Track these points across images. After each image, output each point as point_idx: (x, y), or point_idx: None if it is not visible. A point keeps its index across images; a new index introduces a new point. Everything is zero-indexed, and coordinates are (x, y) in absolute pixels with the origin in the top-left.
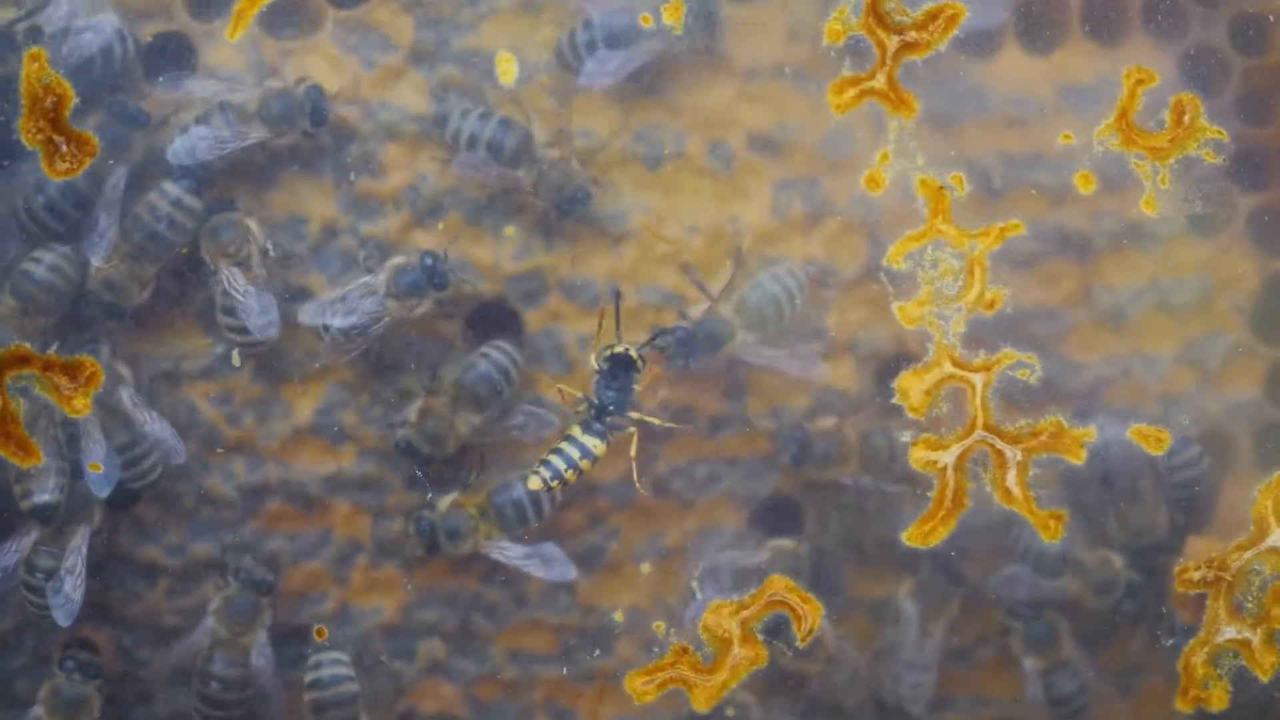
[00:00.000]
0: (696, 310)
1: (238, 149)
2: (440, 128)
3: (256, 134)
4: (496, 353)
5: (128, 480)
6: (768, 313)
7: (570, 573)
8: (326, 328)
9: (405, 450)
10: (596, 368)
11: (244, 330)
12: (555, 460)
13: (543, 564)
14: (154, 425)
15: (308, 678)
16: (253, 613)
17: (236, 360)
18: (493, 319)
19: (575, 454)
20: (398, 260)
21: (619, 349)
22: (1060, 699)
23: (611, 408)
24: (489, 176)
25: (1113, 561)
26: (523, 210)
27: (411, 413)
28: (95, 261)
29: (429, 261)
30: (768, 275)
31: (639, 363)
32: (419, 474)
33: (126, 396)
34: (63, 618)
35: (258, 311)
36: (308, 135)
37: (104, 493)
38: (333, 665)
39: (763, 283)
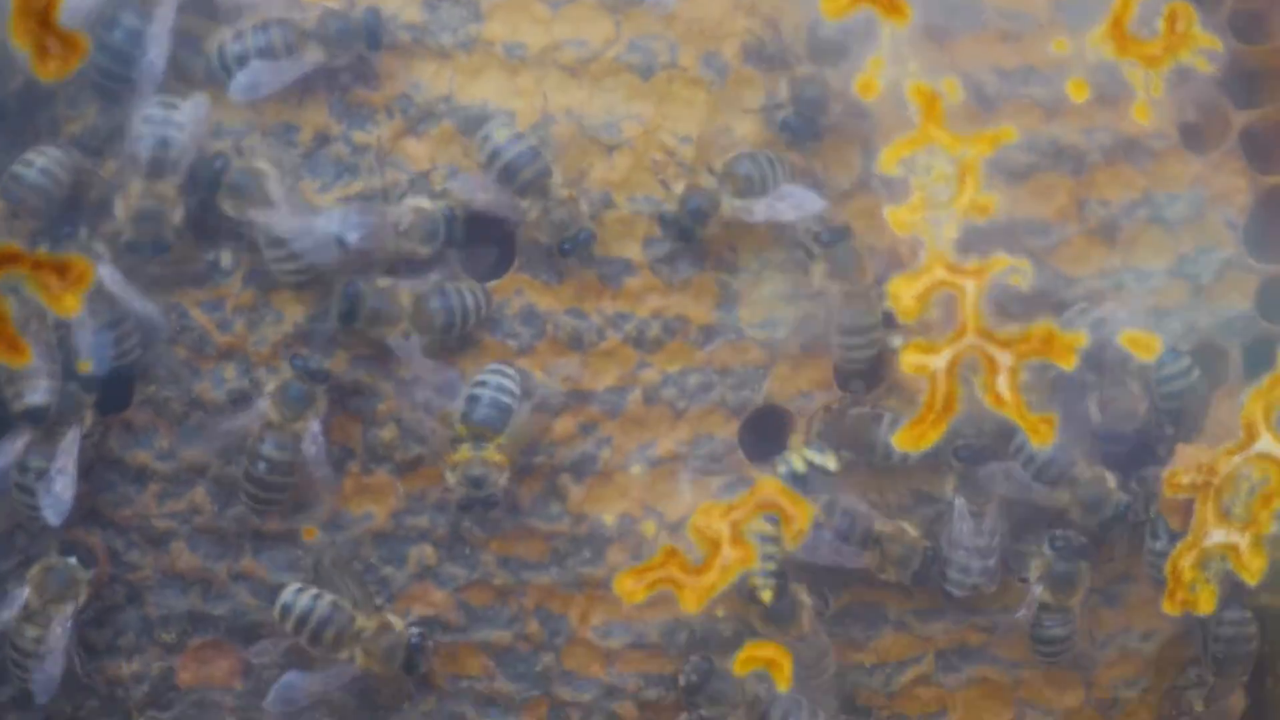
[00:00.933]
0: (678, 185)
1: (297, 76)
2: (473, 130)
3: (313, 57)
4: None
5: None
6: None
7: None
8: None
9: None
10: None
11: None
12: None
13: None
14: (135, 303)
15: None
16: (307, 400)
17: (226, 261)
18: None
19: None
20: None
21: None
22: (1045, 639)
23: None
24: (492, 200)
25: (1106, 480)
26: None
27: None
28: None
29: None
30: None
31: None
32: None
33: (106, 274)
34: (53, 516)
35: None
36: (361, 59)
37: (101, 370)
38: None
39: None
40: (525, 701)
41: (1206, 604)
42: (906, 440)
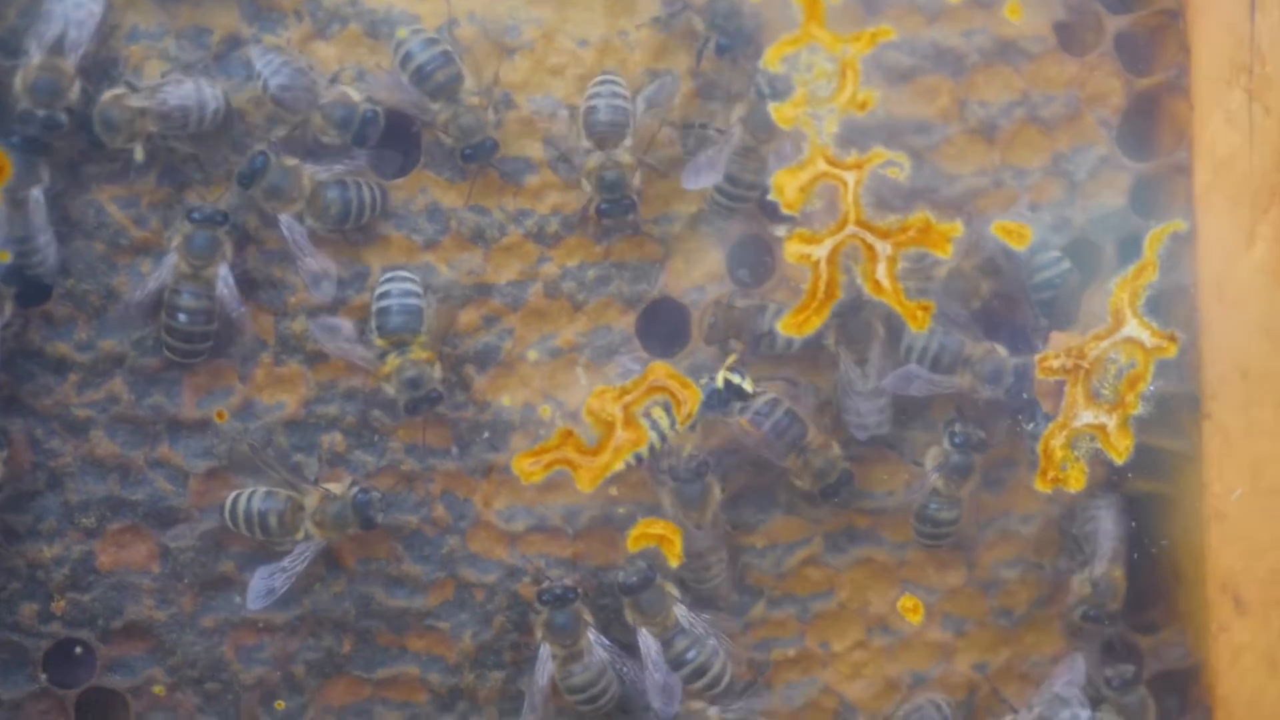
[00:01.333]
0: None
1: None
2: (379, 33)
3: None
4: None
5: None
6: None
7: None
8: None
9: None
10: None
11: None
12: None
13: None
14: (45, 235)
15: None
16: (213, 246)
17: (140, 156)
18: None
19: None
20: None
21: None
22: (932, 520)
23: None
24: (403, 99)
25: (998, 351)
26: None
27: None
28: None
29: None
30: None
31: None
32: None
33: (36, 196)
34: None
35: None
36: None
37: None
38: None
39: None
40: (432, 583)
41: (1076, 482)
42: (791, 326)
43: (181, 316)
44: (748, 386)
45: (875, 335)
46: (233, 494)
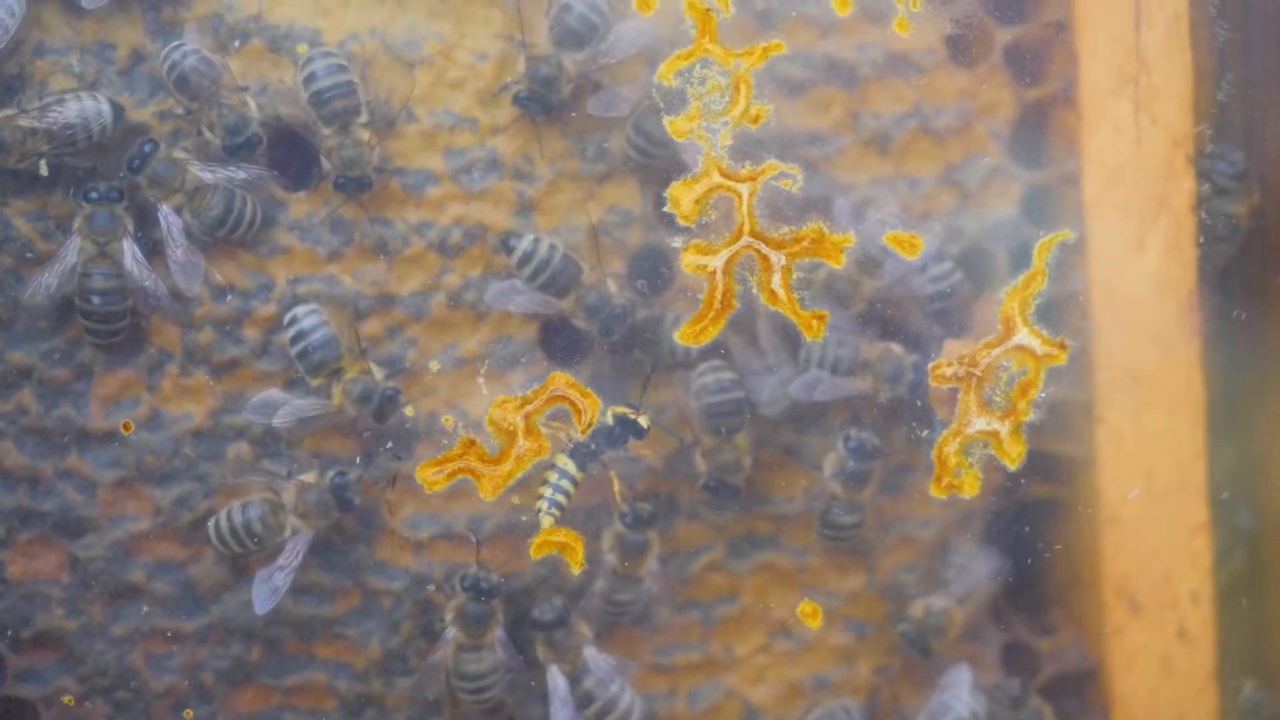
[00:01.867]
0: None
1: None
2: (281, 48)
3: None
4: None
5: None
6: (580, 29)
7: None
8: None
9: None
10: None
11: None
12: (549, 491)
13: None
14: None
15: None
16: (114, 222)
17: (44, 171)
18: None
19: (566, 484)
20: None
21: (633, 415)
22: (833, 524)
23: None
24: (298, 117)
25: (893, 349)
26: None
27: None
28: None
29: None
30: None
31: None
32: None
33: None
34: None
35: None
36: None
37: None
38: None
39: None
40: (339, 591)
41: (971, 488)
42: (688, 336)
43: (95, 299)
44: (643, 423)
45: (759, 313)
46: (211, 520)
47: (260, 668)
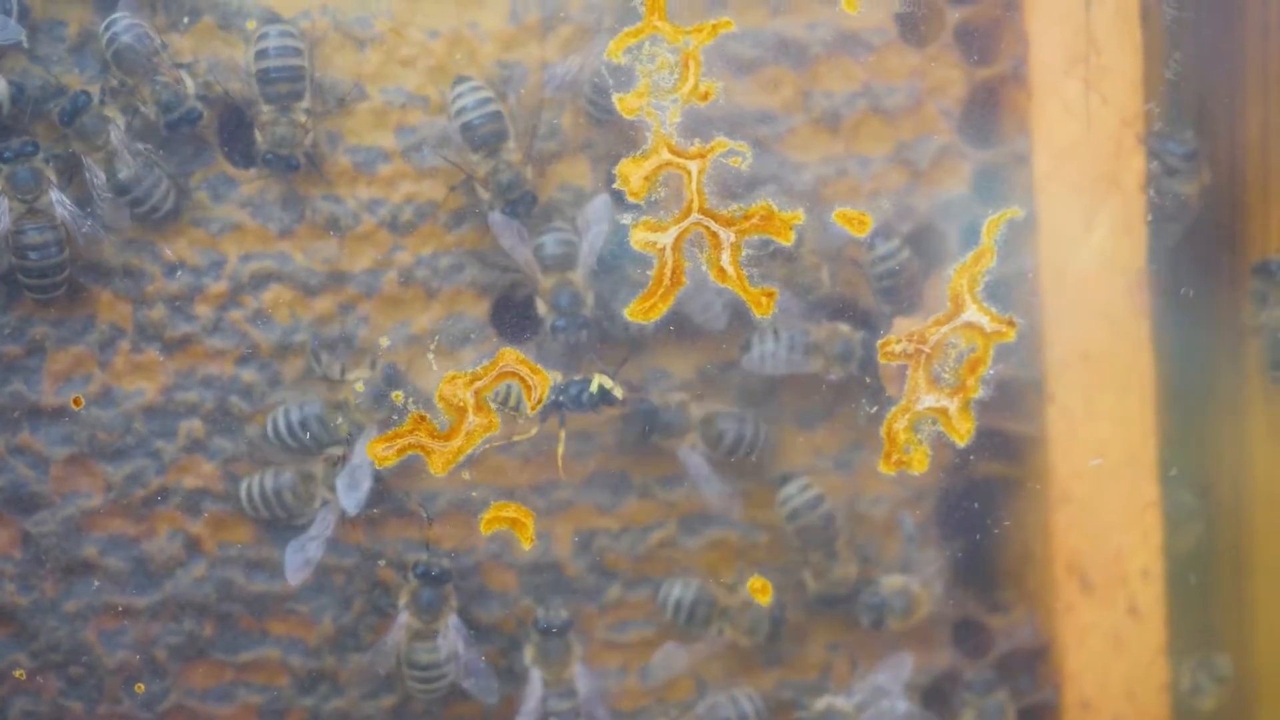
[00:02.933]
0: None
1: None
2: (231, 24)
3: None
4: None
5: None
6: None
7: None
8: None
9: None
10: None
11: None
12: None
13: None
14: None
15: None
16: (35, 177)
17: None
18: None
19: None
20: None
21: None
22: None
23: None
24: (240, 91)
25: (841, 329)
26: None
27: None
28: None
29: None
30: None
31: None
32: None
33: None
34: None
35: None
36: None
37: None
38: None
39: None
40: None
41: (920, 464)
42: (638, 313)
43: (32, 255)
44: (618, 394)
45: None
46: (244, 482)
47: (213, 643)
